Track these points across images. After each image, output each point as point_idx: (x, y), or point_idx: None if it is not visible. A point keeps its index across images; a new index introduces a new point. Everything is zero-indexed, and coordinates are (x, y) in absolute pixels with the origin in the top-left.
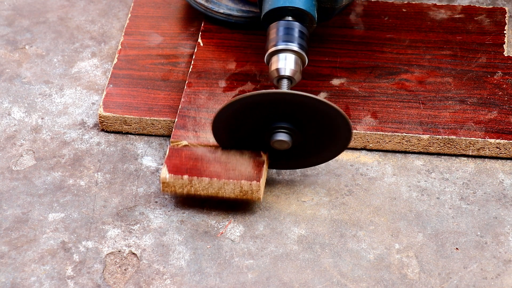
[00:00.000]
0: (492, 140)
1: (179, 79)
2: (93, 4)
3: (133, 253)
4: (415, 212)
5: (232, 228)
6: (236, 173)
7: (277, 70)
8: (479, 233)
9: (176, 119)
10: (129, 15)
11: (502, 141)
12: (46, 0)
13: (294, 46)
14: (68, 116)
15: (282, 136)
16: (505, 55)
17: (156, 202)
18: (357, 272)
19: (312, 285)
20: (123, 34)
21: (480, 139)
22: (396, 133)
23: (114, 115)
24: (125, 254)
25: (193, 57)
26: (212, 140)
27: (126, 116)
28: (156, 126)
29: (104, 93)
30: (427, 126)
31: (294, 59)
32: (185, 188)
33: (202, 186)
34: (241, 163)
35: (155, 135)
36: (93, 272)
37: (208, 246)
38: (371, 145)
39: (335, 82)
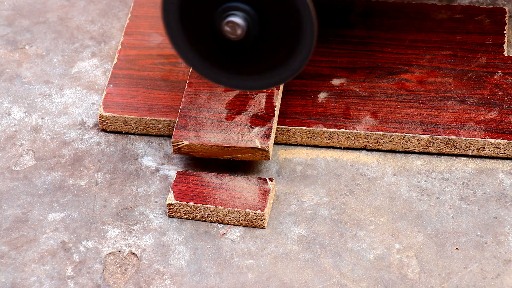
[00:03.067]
0: (492, 140)
1: (179, 79)
2: (93, 4)
3: (133, 253)
4: (415, 212)
5: (232, 228)
6: (241, 201)
7: None
8: (479, 233)
9: (177, 119)
10: (129, 15)
11: (502, 141)
12: (46, 0)
13: None
14: (68, 116)
15: (236, 18)
16: (505, 55)
17: (156, 202)
18: (357, 272)
19: (312, 285)
20: (123, 34)
21: (480, 139)
22: (396, 133)
23: (114, 115)
24: (125, 254)
25: None
26: (213, 140)
27: (126, 116)
28: (156, 126)
29: (104, 93)
30: (427, 126)
31: None
32: (191, 214)
33: (207, 213)
34: (247, 191)
35: (155, 135)
36: (93, 272)
37: (208, 246)
38: (371, 145)
39: (335, 82)
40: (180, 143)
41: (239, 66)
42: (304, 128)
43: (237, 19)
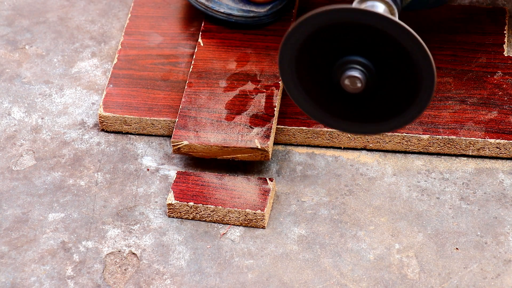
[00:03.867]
0: (492, 140)
1: (179, 79)
2: (93, 4)
3: (133, 253)
4: (415, 212)
5: (232, 228)
6: (241, 201)
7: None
8: (479, 233)
9: (177, 119)
10: (129, 15)
11: (502, 141)
12: (46, 0)
13: None
14: (68, 116)
15: (355, 72)
16: (505, 55)
17: (156, 202)
18: (357, 272)
19: (312, 285)
20: (123, 34)
21: (480, 139)
22: (396, 133)
23: (114, 115)
24: (125, 254)
25: (194, 57)
26: (212, 140)
27: (126, 116)
28: (156, 126)
29: (104, 93)
30: (427, 126)
31: (383, 9)
32: (191, 214)
33: (207, 213)
34: (247, 191)
35: (155, 135)
36: (93, 272)
37: (208, 246)
38: (371, 145)
39: None
40: (180, 143)
41: (352, 114)
42: (304, 128)
43: (357, 73)
